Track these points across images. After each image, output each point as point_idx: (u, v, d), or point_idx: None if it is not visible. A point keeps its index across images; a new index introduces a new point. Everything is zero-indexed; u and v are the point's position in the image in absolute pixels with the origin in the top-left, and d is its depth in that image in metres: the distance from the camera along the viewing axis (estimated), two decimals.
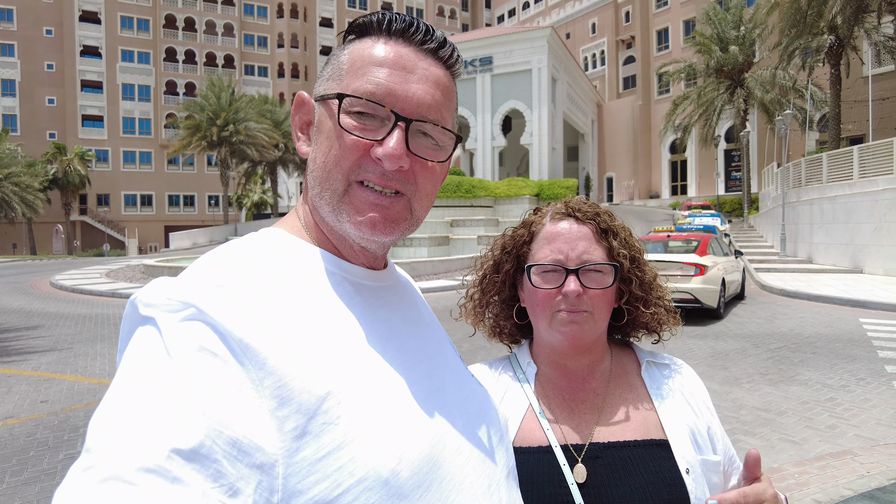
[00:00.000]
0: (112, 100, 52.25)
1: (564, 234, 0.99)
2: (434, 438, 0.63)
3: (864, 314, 9.75)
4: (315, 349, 0.58)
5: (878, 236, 14.66)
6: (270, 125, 39.88)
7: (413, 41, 0.68)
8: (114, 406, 0.49)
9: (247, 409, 0.51)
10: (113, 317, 11.10)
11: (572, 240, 0.98)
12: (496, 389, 1.03)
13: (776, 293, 12.49)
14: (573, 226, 1.00)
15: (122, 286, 15.59)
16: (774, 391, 5.55)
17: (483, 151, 36.74)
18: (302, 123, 0.73)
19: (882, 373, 6.12)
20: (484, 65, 36.30)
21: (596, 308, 0.96)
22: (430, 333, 0.78)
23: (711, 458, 0.94)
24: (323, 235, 0.71)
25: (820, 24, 21.43)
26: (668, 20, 46.35)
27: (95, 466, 0.45)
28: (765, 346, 7.53)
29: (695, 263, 9.31)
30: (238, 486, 0.48)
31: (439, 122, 0.68)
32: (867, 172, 15.66)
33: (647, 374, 1.02)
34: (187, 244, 36.75)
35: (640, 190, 47.41)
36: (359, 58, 0.67)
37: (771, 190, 24.80)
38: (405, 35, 0.68)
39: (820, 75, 27.51)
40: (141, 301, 0.57)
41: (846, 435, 4.44)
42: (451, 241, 21.22)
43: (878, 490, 3.42)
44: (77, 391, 5.98)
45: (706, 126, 32.37)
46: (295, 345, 0.57)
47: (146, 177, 53.67)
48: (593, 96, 48.90)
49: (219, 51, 56.88)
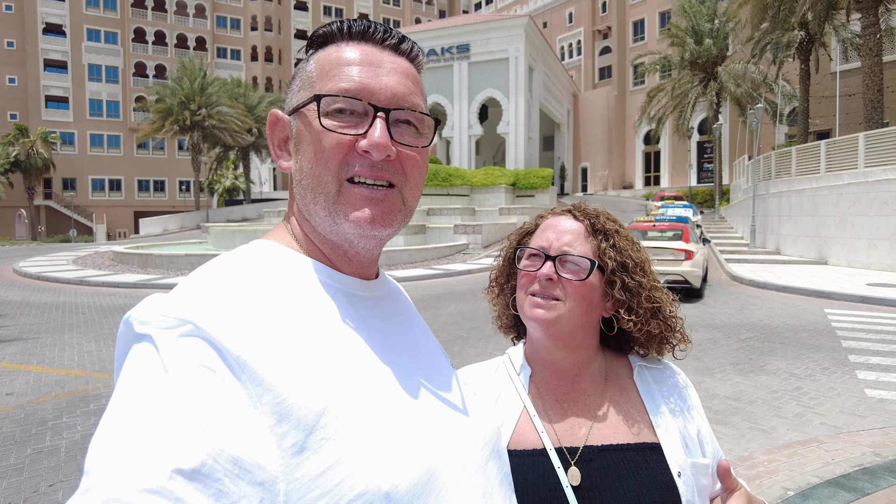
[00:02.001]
0: (77, 81, 50.53)
1: (556, 227, 1.05)
2: (431, 449, 0.64)
3: (828, 305, 10.06)
4: (312, 364, 0.58)
5: (843, 229, 15.12)
6: (243, 110, 39.17)
7: (374, 40, 0.71)
8: (112, 426, 0.48)
9: (247, 427, 0.51)
10: (82, 305, 10.83)
11: (561, 231, 1.03)
12: (490, 391, 1.04)
13: (746, 284, 12.80)
14: (567, 220, 1.06)
15: (91, 273, 15.19)
16: (745, 381, 5.69)
17: (460, 140, 36.66)
18: (279, 140, 0.74)
19: (846, 362, 6.33)
20: (461, 52, 36.11)
21: (569, 297, 0.98)
22: (423, 342, 0.79)
23: (701, 461, 0.96)
24: (314, 246, 0.71)
25: (791, 19, 21.84)
26: (645, 11, 46.67)
27: (95, 489, 0.44)
28: (735, 336, 7.71)
29: (684, 249, 10.71)
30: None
31: (416, 108, 0.70)
32: (833, 167, 16.10)
33: (640, 379, 1.04)
34: (158, 230, 36.01)
35: (613, 180, 47.92)
36: (326, 62, 0.69)
37: (742, 182, 25.32)
38: (366, 36, 0.71)
39: (790, 70, 28.09)
40: (136, 319, 0.56)
41: (812, 423, 4.58)
42: (427, 229, 21.19)
43: (843, 477, 3.54)
44: (45, 383, 5.83)
45: (680, 118, 32.82)
46: (292, 360, 0.57)
47: (115, 161, 52.19)
48: (569, 86, 49.10)
49: (190, 32, 55.41)
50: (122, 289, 13.21)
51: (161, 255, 16.47)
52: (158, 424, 0.48)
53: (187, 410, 0.49)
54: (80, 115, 50.64)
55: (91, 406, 5.08)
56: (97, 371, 6.26)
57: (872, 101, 17.89)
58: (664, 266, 10.47)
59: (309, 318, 0.63)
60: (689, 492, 0.91)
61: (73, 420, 4.75)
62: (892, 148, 14.20)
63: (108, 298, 11.69)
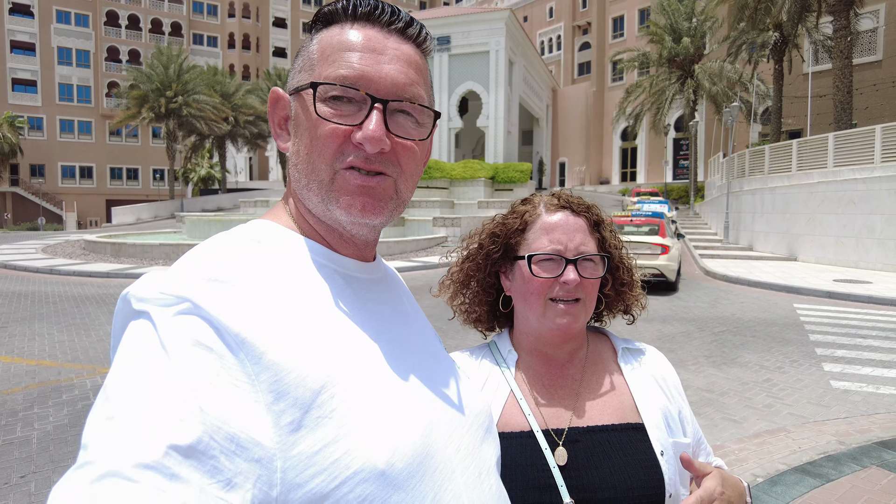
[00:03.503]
0: (46, 64, 49.00)
1: (562, 226, 1.02)
2: (426, 429, 0.65)
3: (797, 300, 10.34)
4: (309, 343, 0.59)
5: (812, 226, 15.51)
6: (220, 98, 38.46)
7: (380, 23, 0.68)
8: (110, 402, 0.48)
9: (244, 405, 0.51)
10: (52, 294, 10.58)
11: (570, 231, 1.01)
12: (477, 376, 1.05)
13: (719, 279, 13.06)
14: (569, 217, 1.03)
15: (62, 262, 14.83)
16: (717, 373, 5.84)
17: (439, 132, 36.49)
18: (280, 119, 0.73)
19: (813, 355, 6.52)
20: (441, 44, 35.94)
21: (588, 296, 1.01)
22: (418, 326, 0.80)
23: (682, 440, 0.99)
24: (311, 228, 0.71)
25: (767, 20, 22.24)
26: (624, 8, 47.01)
27: (92, 462, 0.45)
28: (709, 329, 7.88)
29: (661, 244, 11.03)
30: (236, 480, 0.48)
31: (416, 99, 0.68)
32: (804, 165, 16.48)
33: (624, 361, 1.07)
34: (131, 219, 35.25)
35: (591, 176, 48.33)
36: (328, 45, 0.67)
37: (716, 179, 25.77)
38: (371, 18, 0.68)
39: (765, 70, 28.61)
40: (134, 296, 0.56)
41: (781, 413, 4.73)
42: (406, 222, 21.15)
43: (809, 464, 3.67)
44: (14, 373, 5.69)
45: (657, 115, 33.19)
46: (289, 339, 0.57)
47: (86, 147, 50.83)
48: (549, 81, 49.28)
49: (165, 17, 54.14)
50: (94, 278, 12.92)
51: (135, 244, 16.14)
52: (155, 401, 0.48)
53: (184, 388, 0.49)
54: (49, 100, 49.16)
55: (63, 397, 4.99)
56: (69, 361, 6.14)
57: (842, 103, 18.33)
58: (641, 260, 10.56)
59: (306, 298, 0.63)
60: (671, 470, 0.94)
61: (44, 411, 4.66)
62: (860, 148, 14.60)
63: (80, 288, 11.44)
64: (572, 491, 0.92)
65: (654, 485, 0.92)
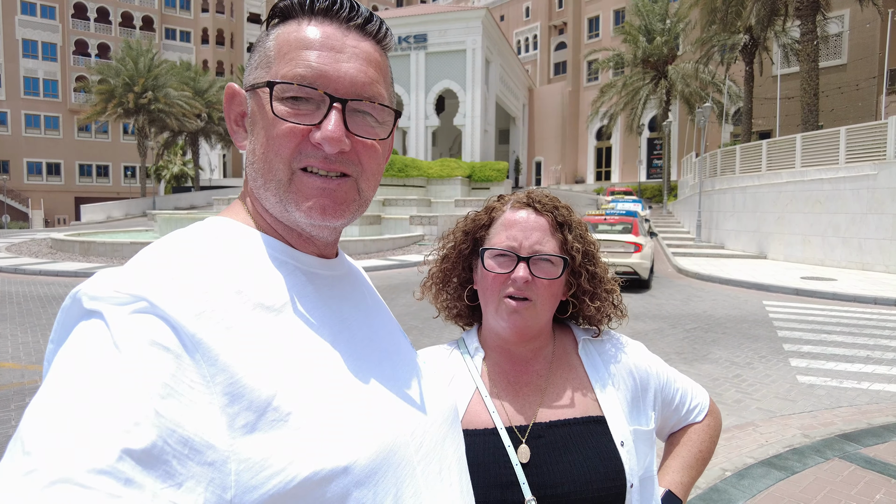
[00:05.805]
0: (10, 56, 47.51)
1: (521, 223, 1.02)
2: (389, 426, 0.64)
3: (766, 297, 10.58)
4: (267, 343, 0.58)
5: (781, 225, 15.89)
6: (192, 94, 37.81)
7: (338, 18, 0.67)
8: (56, 403, 0.46)
9: (198, 407, 0.50)
10: (16, 294, 10.28)
11: (528, 229, 1.01)
12: (445, 372, 1.05)
13: (691, 276, 13.30)
14: (531, 216, 1.03)
15: (27, 261, 14.42)
16: (689, 369, 5.94)
17: (416, 130, 36.53)
18: (236, 115, 0.71)
19: (781, 351, 6.68)
20: (418, 42, 35.91)
21: (540, 297, 0.98)
22: (381, 323, 0.79)
23: (643, 428, 1.01)
24: (269, 225, 0.70)
25: (738, 23, 22.68)
26: (600, 8, 47.47)
27: (40, 469, 0.42)
28: (681, 326, 8.02)
29: (634, 242, 11.18)
30: (188, 484, 0.47)
31: (376, 98, 0.67)
32: (773, 166, 16.88)
33: (584, 353, 1.06)
34: (101, 217, 34.42)
35: (566, 175, 48.76)
36: (285, 42, 0.65)
37: (689, 178, 26.21)
38: (329, 13, 0.66)
39: (736, 71, 29.18)
40: (86, 294, 0.54)
41: (749, 408, 4.83)
42: (383, 220, 21.08)
43: (775, 457, 3.76)
44: None
45: (631, 114, 33.64)
46: (247, 340, 0.56)
47: (53, 143, 49.46)
48: (525, 80, 49.57)
49: (136, 10, 52.94)
50: (61, 277, 12.59)
51: (104, 242, 15.78)
52: (107, 403, 0.46)
53: (138, 389, 0.47)
54: (13, 94, 47.68)
55: (27, 400, 4.85)
56: (34, 363, 5.98)
57: (809, 105, 18.79)
58: (614, 258, 10.82)
59: (266, 296, 0.62)
60: (631, 459, 0.95)
61: (6, 415, 4.53)
62: (825, 149, 15.00)
63: (46, 288, 11.14)
64: (534, 488, 0.92)
65: (614, 476, 0.93)
